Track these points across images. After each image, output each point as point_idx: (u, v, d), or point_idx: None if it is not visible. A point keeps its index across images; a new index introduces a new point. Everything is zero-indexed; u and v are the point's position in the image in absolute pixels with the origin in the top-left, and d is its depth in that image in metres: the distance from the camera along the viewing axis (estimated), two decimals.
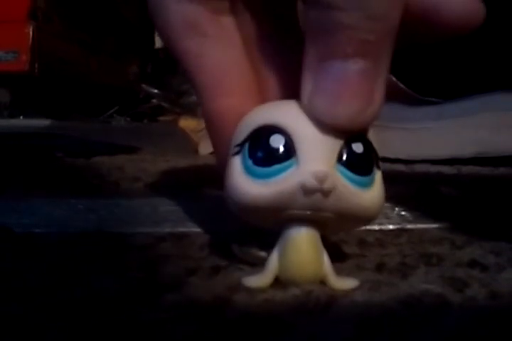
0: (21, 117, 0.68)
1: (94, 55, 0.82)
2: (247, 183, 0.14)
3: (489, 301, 0.14)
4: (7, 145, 0.44)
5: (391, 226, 0.21)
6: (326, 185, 0.14)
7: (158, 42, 0.86)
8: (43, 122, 0.58)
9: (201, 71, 0.17)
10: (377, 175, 0.15)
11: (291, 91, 0.15)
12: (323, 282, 0.15)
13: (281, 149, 0.14)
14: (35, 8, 0.66)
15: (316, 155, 0.14)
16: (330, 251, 0.15)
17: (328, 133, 0.14)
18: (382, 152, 0.43)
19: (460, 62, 0.43)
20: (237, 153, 0.15)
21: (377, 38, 0.14)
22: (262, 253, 0.15)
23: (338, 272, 0.15)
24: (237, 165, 0.15)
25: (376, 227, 0.21)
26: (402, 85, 0.40)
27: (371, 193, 0.15)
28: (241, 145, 0.15)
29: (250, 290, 0.14)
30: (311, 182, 0.14)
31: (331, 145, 0.14)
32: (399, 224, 0.21)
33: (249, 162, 0.14)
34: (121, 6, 0.87)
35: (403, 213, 0.22)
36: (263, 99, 0.17)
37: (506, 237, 0.19)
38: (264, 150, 0.14)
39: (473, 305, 0.14)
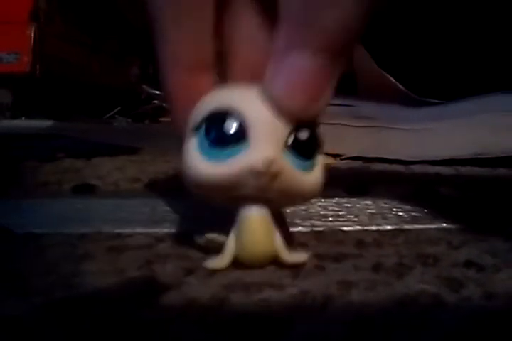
0: (23, 118, 0.68)
1: (95, 56, 0.82)
2: (201, 164, 0.15)
3: (485, 301, 0.14)
4: (8, 146, 0.44)
5: (388, 227, 0.21)
6: (273, 169, 0.15)
7: None
8: (45, 123, 0.58)
9: (165, 42, 0.17)
10: (319, 160, 0.17)
11: (259, 71, 0.16)
12: (276, 260, 0.16)
13: (235, 132, 0.15)
14: (37, 9, 0.67)
15: (266, 140, 0.15)
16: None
17: (279, 120, 0.15)
18: (381, 152, 0.43)
19: (459, 63, 0.43)
20: (194, 133, 0.16)
21: (344, 37, 0.15)
22: (222, 238, 0.16)
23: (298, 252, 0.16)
24: (193, 146, 0.16)
25: (374, 228, 0.21)
26: (401, 86, 0.40)
27: (312, 176, 0.16)
28: (198, 126, 0.16)
29: (247, 290, 0.14)
30: (260, 165, 0.15)
31: (281, 131, 0.15)
32: (396, 224, 0.21)
33: (205, 143, 0.15)
34: (122, 7, 0.88)
35: (401, 214, 0.22)
36: (231, 77, 0.18)
37: (503, 238, 0.19)
38: (219, 132, 0.15)
39: (469, 306, 0.14)
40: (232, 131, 0.15)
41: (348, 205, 0.23)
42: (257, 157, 0.15)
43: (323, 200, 0.23)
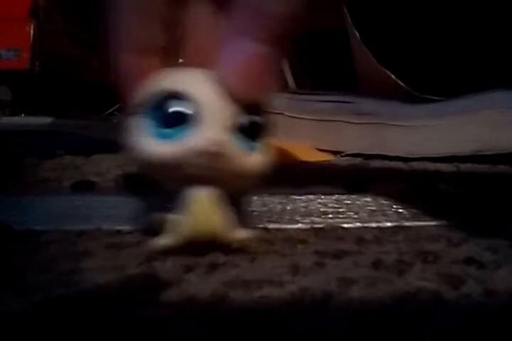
0: (22, 115, 0.68)
1: (94, 52, 0.82)
2: (149, 143, 0.16)
3: (485, 298, 0.14)
4: (8, 143, 0.44)
5: (388, 224, 0.21)
6: (218, 149, 0.15)
7: None
8: (44, 120, 0.58)
9: (119, 25, 0.18)
10: (263, 142, 0.17)
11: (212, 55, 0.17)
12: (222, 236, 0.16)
13: (183, 113, 0.16)
14: (37, 6, 0.66)
15: (213, 122, 0.16)
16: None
17: (227, 102, 0.16)
18: (381, 149, 0.43)
19: (459, 60, 0.43)
20: (141, 113, 0.16)
21: (287, 25, 0.15)
22: (172, 217, 0.16)
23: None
24: (140, 125, 0.16)
25: (373, 225, 0.21)
26: (401, 83, 0.40)
27: (256, 157, 0.17)
28: (146, 106, 0.16)
29: (247, 287, 0.14)
30: (206, 146, 0.15)
31: (227, 114, 0.16)
32: (396, 221, 0.21)
33: (152, 123, 0.16)
34: None
35: (401, 211, 0.22)
36: (186, 61, 0.19)
37: (503, 235, 0.19)
38: (167, 113, 0.16)
39: (469, 302, 0.14)
40: (180, 112, 0.16)
41: (348, 202, 0.23)
42: (204, 137, 0.15)
43: (323, 197, 0.23)
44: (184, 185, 0.16)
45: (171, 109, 0.16)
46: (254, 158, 0.17)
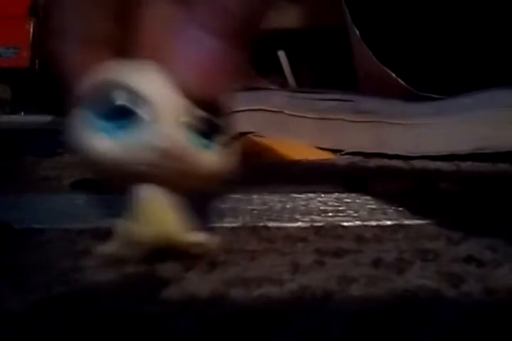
0: (22, 113, 0.68)
1: None
2: (93, 138, 0.15)
3: (485, 297, 0.14)
4: (8, 141, 0.44)
5: (388, 222, 0.21)
6: (168, 145, 0.14)
7: None
8: (44, 118, 0.58)
9: (64, 16, 0.17)
10: (221, 140, 0.16)
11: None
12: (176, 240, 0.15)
13: (129, 107, 0.15)
14: (36, 4, 0.66)
15: (162, 116, 0.15)
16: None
17: (178, 96, 0.15)
18: (381, 148, 0.43)
19: (459, 58, 0.42)
20: (84, 107, 0.15)
21: (244, 20, 0.15)
22: (119, 220, 0.15)
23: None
24: (82, 119, 0.15)
25: (373, 223, 0.21)
26: (401, 81, 0.40)
27: (212, 156, 0.15)
28: (89, 99, 0.15)
29: (247, 285, 0.14)
30: (155, 140, 0.14)
31: (179, 108, 0.15)
32: (396, 219, 0.21)
33: (97, 117, 0.15)
34: None
35: (400, 209, 0.22)
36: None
37: (503, 233, 0.19)
38: (112, 106, 0.15)
39: (469, 301, 0.14)
40: (126, 105, 0.15)
41: (348, 200, 0.23)
42: (152, 131, 0.14)
43: (323, 195, 0.23)
44: (133, 185, 0.15)
45: (116, 102, 0.15)
46: (210, 158, 0.15)
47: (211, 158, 0.15)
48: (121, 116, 0.14)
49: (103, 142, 0.15)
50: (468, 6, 0.43)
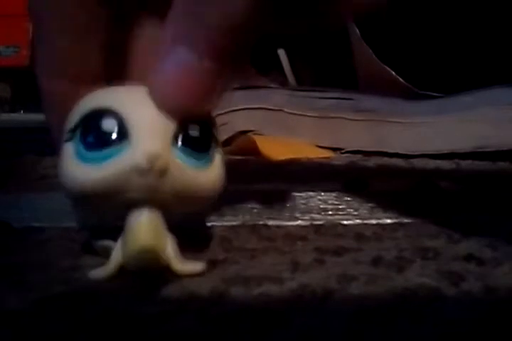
0: (22, 112, 0.68)
1: None
2: (78, 169, 0.14)
3: (485, 295, 0.14)
4: (7, 140, 0.44)
5: (388, 221, 0.21)
6: (159, 165, 0.14)
7: None
8: (44, 117, 0.57)
9: (49, 48, 0.16)
10: (215, 157, 0.15)
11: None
12: (168, 267, 0.14)
13: (113, 132, 0.14)
14: None
15: (149, 137, 0.14)
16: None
17: (163, 116, 0.14)
18: (381, 146, 0.43)
19: (460, 56, 0.42)
20: (69, 139, 0.15)
21: (232, 38, 0.14)
22: (112, 244, 0.15)
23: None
24: (68, 152, 0.15)
25: (373, 221, 0.21)
26: (401, 79, 0.40)
27: (207, 173, 0.15)
28: (73, 130, 0.15)
29: (247, 284, 0.14)
30: (143, 162, 0.14)
31: (165, 128, 0.14)
32: (396, 218, 0.21)
33: (81, 147, 0.14)
34: None
35: (401, 207, 0.22)
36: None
37: (504, 232, 0.19)
38: (96, 134, 0.14)
39: (469, 299, 0.14)
40: (110, 131, 0.14)
41: (348, 199, 0.23)
42: (140, 153, 0.14)
43: (322, 194, 0.23)
44: (124, 213, 0.14)
45: (100, 129, 0.14)
46: (205, 175, 0.15)
47: (208, 175, 0.15)
48: (112, 143, 0.14)
49: (95, 173, 0.14)
50: (468, 4, 0.43)
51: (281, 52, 0.59)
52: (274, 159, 0.33)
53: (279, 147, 0.36)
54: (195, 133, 0.15)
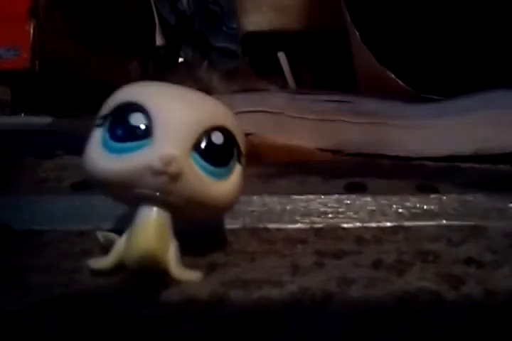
0: (22, 114, 0.68)
1: (95, 52, 0.82)
2: (101, 156, 0.15)
3: (485, 298, 0.14)
4: (8, 143, 0.44)
5: (388, 224, 0.21)
6: (172, 169, 0.14)
7: (159, 40, 0.86)
8: (44, 119, 0.58)
9: None
10: (235, 169, 0.15)
11: None
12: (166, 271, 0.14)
13: (139, 128, 0.14)
14: (36, 5, 0.66)
15: (171, 139, 0.14)
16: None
17: (189, 119, 0.15)
18: (381, 149, 0.43)
19: (459, 59, 0.42)
20: (99, 125, 0.15)
21: None
22: (116, 238, 0.15)
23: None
24: (96, 137, 0.15)
25: (373, 224, 0.21)
26: (401, 83, 0.40)
27: (223, 185, 0.15)
28: (104, 118, 0.15)
29: (247, 287, 0.14)
30: (157, 163, 0.14)
31: (190, 132, 0.14)
32: (396, 221, 0.21)
33: (107, 136, 0.15)
34: (123, 2, 0.87)
35: (401, 210, 0.22)
36: None
37: (503, 235, 0.19)
38: (123, 126, 0.15)
39: (469, 303, 0.14)
40: (137, 126, 0.14)
41: (348, 202, 0.23)
42: (157, 154, 0.14)
43: (322, 197, 0.23)
44: (136, 204, 0.15)
45: (127, 123, 0.14)
46: (220, 187, 0.15)
47: (221, 188, 0.15)
48: (136, 138, 0.14)
49: (107, 161, 0.14)
50: (468, 7, 0.43)
51: (281, 55, 0.60)
52: (274, 162, 0.33)
53: (279, 150, 0.37)
54: (219, 140, 0.15)
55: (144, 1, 0.84)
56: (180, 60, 0.74)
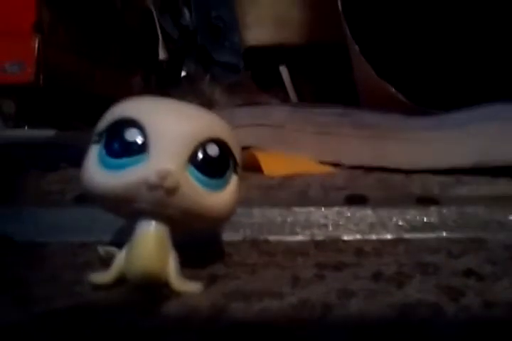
0: (26, 127, 0.68)
1: (98, 66, 0.82)
2: (98, 173, 0.15)
3: (484, 310, 0.14)
4: (11, 155, 0.44)
5: (388, 236, 0.21)
6: (169, 183, 0.14)
7: (161, 54, 0.87)
8: (48, 132, 0.58)
9: None
10: (232, 179, 0.15)
11: None
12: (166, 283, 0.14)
13: (135, 143, 0.15)
14: (41, 20, 0.67)
15: (166, 153, 0.14)
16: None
17: (184, 133, 0.15)
18: (381, 162, 0.43)
19: (460, 73, 0.43)
20: (96, 142, 0.15)
21: None
22: (117, 252, 0.15)
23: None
24: (93, 154, 0.15)
25: (373, 237, 0.21)
26: (401, 96, 0.40)
27: (220, 196, 0.15)
28: (100, 134, 0.15)
29: (247, 299, 0.14)
30: (153, 178, 0.14)
31: (184, 145, 0.15)
32: (396, 233, 0.21)
33: (103, 152, 0.15)
34: (126, 17, 0.88)
35: (401, 223, 0.22)
36: None
37: (503, 247, 0.19)
38: (119, 142, 0.15)
39: (469, 315, 0.14)
40: (132, 141, 0.15)
41: (348, 214, 0.23)
42: (152, 169, 0.14)
43: (323, 209, 0.23)
44: (135, 218, 0.15)
45: (122, 138, 0.15)
46: (217, 198, 0.15)
47: (218, 199, 0.15)
48: (132, 153, 0.14)
49: (110, 179, 0.14)
50: (468, 21, 0.43)
51: (283, 69, 0.60)
52: (275, 174, 0.33)
53: (280, 162, 0.37)
54: (214, 152, 0.15)
55: (147, 15, 0.85)
56: (183, 74, 0.75)
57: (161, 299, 0.14)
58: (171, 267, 0.15)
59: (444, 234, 0.21)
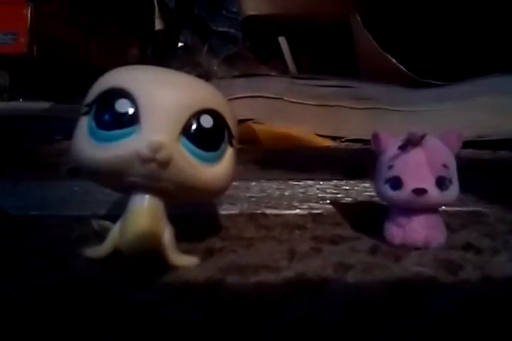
0: (21, 100, 0.67)
1: (93, 37, 0.81)
2: (88, 146, 0.14)
3: (482, 284, 0.14)
4: (6, 128, 0.44)
5: None
6: (161, 156, 0.14)
7: (158, 24, 0.85)
8: (43, 105, 0.57)
9: None
10: (227, 152, 0.15)
11: None
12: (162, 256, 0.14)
13: (126, 114, 0.14)
14: None
15: (158, 125, 0.14)
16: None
17: (177, 103, 0.14)
18: None
19: (461, 44, 0.42)
20: (85, 113, 0.14)
21: None
22: (111, 225, 0.15)
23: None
24: (83, 126, 0.14)
25: None
26: (402, 68, 0.40)
27: (214, 169, 0.15)
28: (90, 105, 0.14)
29: (243, 273, 0.14)
30: (145, 151, 0.13)
31: (177, 116, 0.14)
32: None
33: (93, 124, 0.14)
34: None
35: None
36: None
37: (502, 221, 0.19)
38: (109, 113, 0.14)
39: (466, 288, 0.14)
40: (123, 113, 0.14)
41: (347, 188, 0.22)
42: (144, 141, 0.14)
43: (321, 183, 0.23)
44: (128, 192, 0.14)
45: (113, 109, 0.14)
46: (212, 171, 0.14)
47: (212, 172, 0.14)
48: (122, 125, 0.14)
49: (101, 152, 0.14)
50: None
51: (282, 40, 0.59)
52: (273, 148, 0.32)
53: (278, 135, 0.36)
54: (208, 124, 0.14)
55: None
56: (180, 44, 0.73)
57: (156, 272, 0.14)
58: (167, 241, 0.14)
59: (443, 207, 0.21)
